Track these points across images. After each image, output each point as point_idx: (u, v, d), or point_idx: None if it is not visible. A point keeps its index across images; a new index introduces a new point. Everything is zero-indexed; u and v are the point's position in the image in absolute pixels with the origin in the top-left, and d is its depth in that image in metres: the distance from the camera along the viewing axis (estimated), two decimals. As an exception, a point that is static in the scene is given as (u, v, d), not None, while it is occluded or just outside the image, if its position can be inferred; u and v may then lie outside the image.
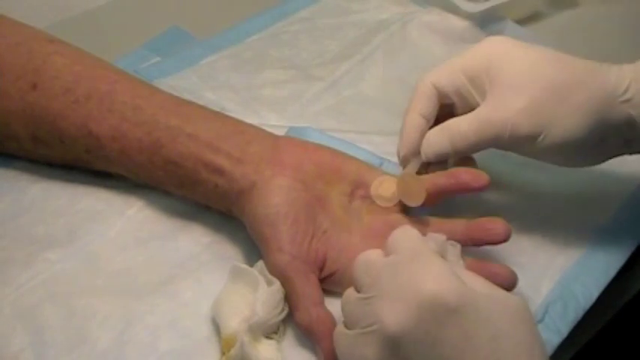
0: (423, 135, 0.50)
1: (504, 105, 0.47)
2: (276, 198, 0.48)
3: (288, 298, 0.47)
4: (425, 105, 0.51)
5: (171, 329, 0.47)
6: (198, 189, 0.51)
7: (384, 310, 0.39)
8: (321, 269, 0.48)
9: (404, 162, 0.52)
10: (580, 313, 0.49)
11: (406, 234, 0.43)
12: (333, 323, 0.45)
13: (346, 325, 0.42)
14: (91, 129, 0.51)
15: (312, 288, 0.47)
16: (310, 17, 0.74)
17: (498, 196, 0.55)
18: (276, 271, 0.47)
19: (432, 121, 0.51)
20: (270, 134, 0.52)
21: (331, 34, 0.72)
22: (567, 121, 0.47)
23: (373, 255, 0.43)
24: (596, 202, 0.56)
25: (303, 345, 0.47)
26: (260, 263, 0.48)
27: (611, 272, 0.51)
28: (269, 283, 0.47)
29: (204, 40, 0.70)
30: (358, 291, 0.42)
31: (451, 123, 0.49)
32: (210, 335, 0.47)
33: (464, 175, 0.48)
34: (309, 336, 0.46)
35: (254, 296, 0.46)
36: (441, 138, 0.49)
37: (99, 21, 0.73)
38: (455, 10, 0.72)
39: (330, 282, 0.48)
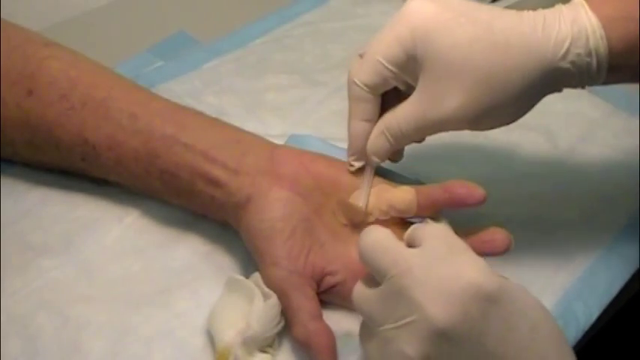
0: (367, 137, 0.48)
1: (440, 102, 0.44)
2: (272, 212, 0.47)
3: (285, 313, 0.46)
4: (362, 109, 0.47)
5: (166, 340, 0.47)
6: (195, 199, 0.50)
7: (426, 301, 0.38)
8: (320, 282, 0.47)
9: (357, 169, 0.49)
10: (580, 334, 0.48)
11: (435, 226, 0.42)
12: (332, 337, 0.45)
13: (370, 324, 0.41)
14: (86, 137, 0.51)
15: (308, 302, 0.46)
16: (314, 21, 0.73)
17: (501, 208, 0.54)
18: (272, 286, 0.46)
19: (376, 118, 0.48)
20: (268, 143, 0.51)
21: (335, 39, 0.71)
22: (506, 108, 0.45)
23: (391, 242, 0.41)
24: (601, 218, 0.55)
25: (298, 359, 0.46)
26: (256, 275, 0.47)
27: (613, 291, 0.50)
28: (266, 297, 0.46)
29: (208, 44, 0.70)
30: (379, 281, 0.40)
31: (389, 122, 0.47)
32: (204, 347, 0.46)
33: (459, 189, 0.46)
34: (307, 351, 0.45)
35: (250, 309, 0.45)
36: (382, 141, 0.47)
37: (100, 22, 0.73)
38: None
39: (331, 295, 0.48)
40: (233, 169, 0.49)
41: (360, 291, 0.41)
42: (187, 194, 0.50)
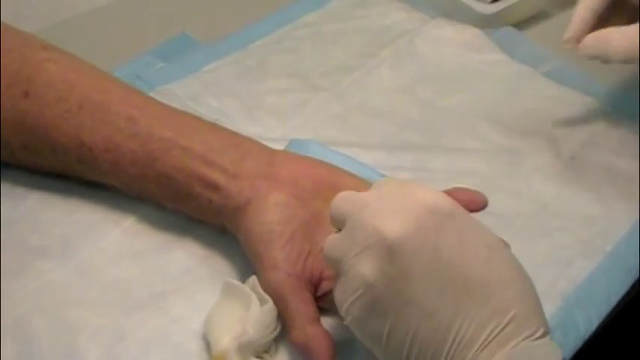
0: (588, 27, 0.54)
1: None
2: (271, 215, 0.47)
3: (283, 317, 0.45)
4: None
5: (162, 344, 0.46)
6: (192, 203, 0.50)
7: (380, 222, 0.38)
8: (317, 287, 0.47)
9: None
10: (579, 343, 0.48)
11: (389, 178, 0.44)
12: (331, 341, 0.44)
13: (337, 268, 0.41)
14: (83, 140, 0.51)
15: (307, 306, 0.45)
16: (314, 23, 0.72)
17: (501, 214, 0.54)
18: (270, 289, 0.46)
19: (600, 11, 0.54)
20: (267, 148, 0.51)
21: (335, 41, 0.70)
22: None
23: (351, 193, 0.43)
24: (602, 225, 0.54)
25: (294, 365, 0.46)
26: (252, 279, 0.47)
27: (613, 300, 0.50)
28: (262, 301, 0.45)
29: (207, 46, 0.69)
30: (340, 229, 0.42)
31: (614, 39, 0.52)
32: (200, 352, 0.46)
33: (461, 195, 0.46)
34: (305, 355, 0.44)
35: (246, 314, 0.45)
36: (596, 48, 0.53)
37: (101, 23, 0.72)
38: (464, 12, 0.71)
39: (327, 301, 0.47)
40: (232, 172, 0.48)
41: (329, 240, 0.42)
42: (184, 198, 0.50)
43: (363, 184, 0.50)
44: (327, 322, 0.46)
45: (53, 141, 0.51)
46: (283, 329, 0.46)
